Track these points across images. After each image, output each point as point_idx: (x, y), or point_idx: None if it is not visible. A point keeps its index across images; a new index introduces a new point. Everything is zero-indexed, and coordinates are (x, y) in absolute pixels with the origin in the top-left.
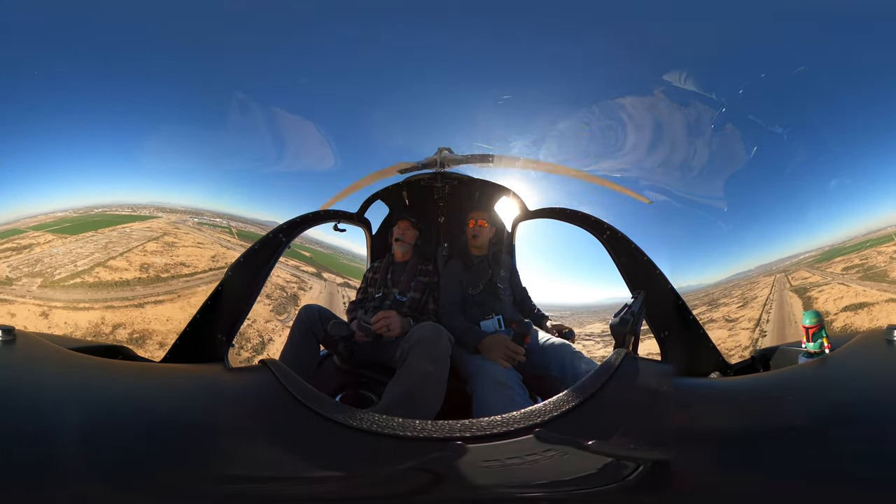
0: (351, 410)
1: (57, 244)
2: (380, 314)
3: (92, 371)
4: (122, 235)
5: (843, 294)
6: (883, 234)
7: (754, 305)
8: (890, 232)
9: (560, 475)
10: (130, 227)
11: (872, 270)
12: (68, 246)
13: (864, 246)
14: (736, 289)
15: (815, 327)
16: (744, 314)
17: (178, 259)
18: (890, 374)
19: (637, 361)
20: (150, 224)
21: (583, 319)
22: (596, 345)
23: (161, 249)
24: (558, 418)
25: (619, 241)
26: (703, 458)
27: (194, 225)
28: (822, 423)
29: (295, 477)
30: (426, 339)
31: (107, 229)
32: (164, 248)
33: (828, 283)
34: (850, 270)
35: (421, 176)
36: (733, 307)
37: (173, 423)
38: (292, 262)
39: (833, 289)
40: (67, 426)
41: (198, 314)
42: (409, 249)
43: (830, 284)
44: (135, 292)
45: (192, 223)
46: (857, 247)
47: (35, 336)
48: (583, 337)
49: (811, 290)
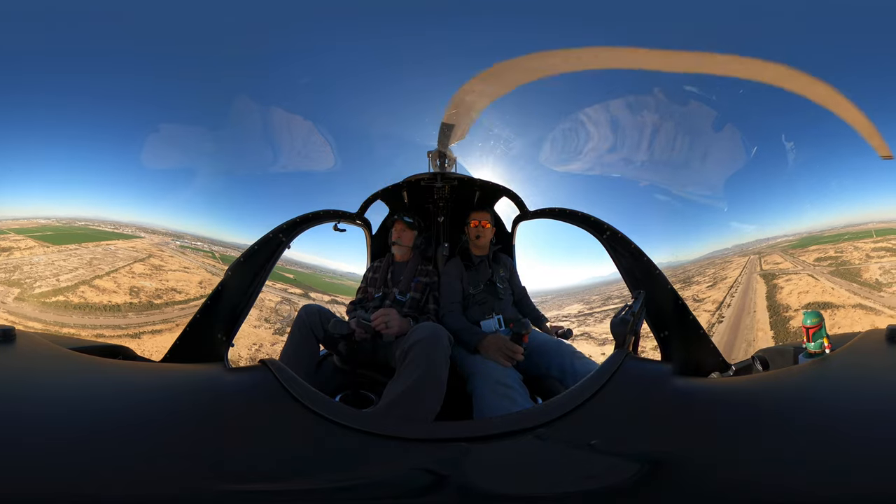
0: (351, 410)
1: (38, 252)
2: (379, 311)
3: (92, 371)
4: (106, 253)
5: (810, 288)
6: (862, 228)
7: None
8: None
9: (561, 475)
10: (115, 244)
11: (845, 266)
12: (50, 256)
13: (841, 238)
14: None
15: (815, 327)
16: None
17: (169, 284)
18: (890, 374)
19: (637, 361)
20: (135, 244)
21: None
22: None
23: (149, 272)
24: (559, 419)
25: (619, 241)
26: (703, 459)
27: (177, 248)
28: (822, 423)
29: (294, 477)
30: (426, 339)
31: (91, 244)
32: (153, 271)
33: (797, 273)
34: (822, 262)
35: (421, 176)
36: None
37: (173, 422)
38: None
39: (801, 280)
40: (67, 426)
41: (198, 314)
42: (407, 251)
43: (799, 274)
44: (128, 320)
45: (174, 246)
46: (835, 238)
47: (35, 336)
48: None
49: (779, 277)
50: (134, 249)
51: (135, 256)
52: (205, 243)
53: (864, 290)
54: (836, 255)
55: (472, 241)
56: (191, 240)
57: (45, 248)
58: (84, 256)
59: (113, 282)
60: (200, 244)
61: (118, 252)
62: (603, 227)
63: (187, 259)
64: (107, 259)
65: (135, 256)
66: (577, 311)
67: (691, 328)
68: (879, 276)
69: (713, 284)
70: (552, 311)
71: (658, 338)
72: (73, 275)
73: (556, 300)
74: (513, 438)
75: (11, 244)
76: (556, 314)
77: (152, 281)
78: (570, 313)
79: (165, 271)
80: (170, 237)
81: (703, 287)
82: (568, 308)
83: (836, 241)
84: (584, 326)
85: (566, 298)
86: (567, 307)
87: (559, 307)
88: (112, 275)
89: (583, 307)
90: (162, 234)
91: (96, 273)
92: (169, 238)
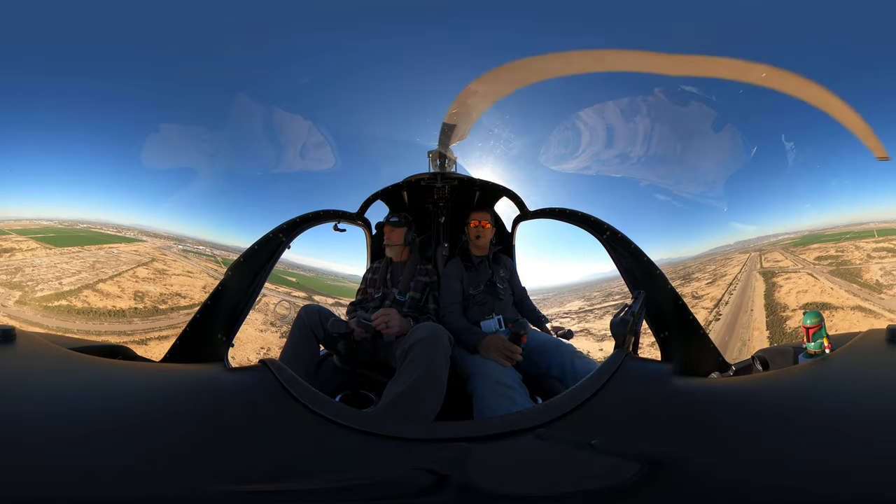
0: (351, 411)
1: (41, 254)
2: (380, 311)
3: (92, 371)
4: (109, 256)
5: (809, 287)
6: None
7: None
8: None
9: (561, 476)
10: (117, 248)
11: (845, 266)
12: (52, 258)
13: (843, 237)
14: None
15: (815, 327)
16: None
17: (173, 288)
18: (890, 374)
19: (637, 362)
20: (137, 247)
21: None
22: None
23: (153, 276)
24: (559, 419)
25: (620, 241)
26: (703, 459)
27: (180, 252)
28: (822, 423)
29: (294, 477)
30: (426, 339)
31: (93, 247)
32: (156, 276)
33: (797, 272)
34: (822, 261)
35: (421, 176)
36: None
37: (173, 422)
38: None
39: (801, 278)
40: (67, 426)
41: (198, 314)
42: (401, 250)
43: (799, 273)
44: (133, 325)
45: (177, 250)
46: (837, 237)
47: (35, 336)
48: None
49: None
50: (137, 253)
51: (138, 260)
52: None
53: (863, 291)
54: (836, 254)
55: (472, 241)
56: (193, 244)
57: (48, 249)
58: (87, 259)
59: (117, 286)
60: (202, 248)
61: (121, 255)
62: (603, 227)
63: (190, 263)
64: (110, 262)
65: (138, 260)
66: (577, 307)
67: (691, 328)
68: (880, 278)
69: (713, 281)
70: (553, 308)
71: (658, 338)
72: (75, 278)
73: (558, 297)
74: (513, 438)
75: (13, 245)
76: (556, 311)
77: (156, 285)
78: (570, 310)
79: (169, 275)
80: (172, 241)
81: (702, 284)
82: (569, 304)
83: (838, 241)
84: (583, 323)
85: (567, 295)
86: (568, 304)
87: (560, 304)
88: (115, 279)
89: (583, 303)
90: (164, 238)
91: (99, 277)
92: (171, 242)
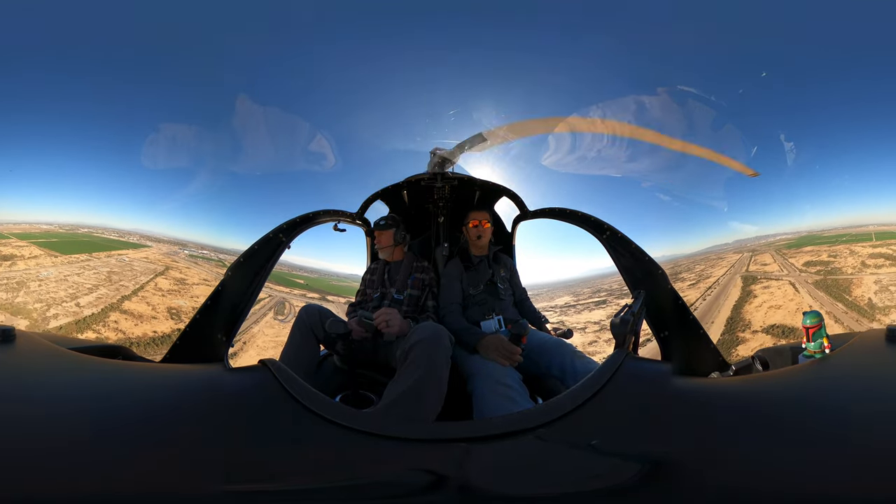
0: (351, 411)
1: (46, 263)
2: (381, 310)
3: (92, 371)
4: (122, 265)
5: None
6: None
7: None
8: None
9: (562, 476)
10: (127, 255)
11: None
12: (60, 269)
13: (839, 240)
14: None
15: (815, 327)
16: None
17: (201, 300)
18: (890, 374)
19: (637, 361)
20: (146, 254)
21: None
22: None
23: (176, 288)
24: (560, 419)
25: (620, 241)
26: (703, 459)
27: (187, 257)
28: (821, 423)
29: (294, 478)
30: (427, 340)
31: (102, 254)
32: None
33: (779, 279)
34: (811, 267)
35: (421, 176)
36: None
37: (173, 423)
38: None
39: (780, 288)
40: (67, 426)
41: (197, 314)
42: (392, 250)
43: (781, 281)
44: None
45: (184, 255)
46: (833, 239)
47: (35, 336)
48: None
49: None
50: (148, 260)
51: (153, 269)
52: (210, 251)
53: (850, 314)
54: (828, 259)
55: (472, 241)
56: (195, 248)
57: (53, 257)
58: (99, 270)
59: (145, 303)
60: (206, 252)
61: (133, 263)
62: (603, 226)
63: (203, 270)
64: (125, 273)
65: (153, 269)
66: (563, 302)
67: (691, 328)
68: (873, 295)
69: (696, 283)
70: (542, 303)
71: (658, 338)
72: (94, 297)
73: (549, 293)
74: (513, 439)
75: (14, 251)
76: (544, 305)
77: (184, 298)
78: (556, 304)
79: (189, 285)
80: (176, 246)
81: (685, 285)
82: (558, 300)
83: (834, 243)
84: (563, 316)
85: (559, 291)
86: (558, 298)
87: (551, 298)
88: (140, 294)
89: (571, 299)
90: (167, 243)
91: (121, 292)
92: (176, 247)
